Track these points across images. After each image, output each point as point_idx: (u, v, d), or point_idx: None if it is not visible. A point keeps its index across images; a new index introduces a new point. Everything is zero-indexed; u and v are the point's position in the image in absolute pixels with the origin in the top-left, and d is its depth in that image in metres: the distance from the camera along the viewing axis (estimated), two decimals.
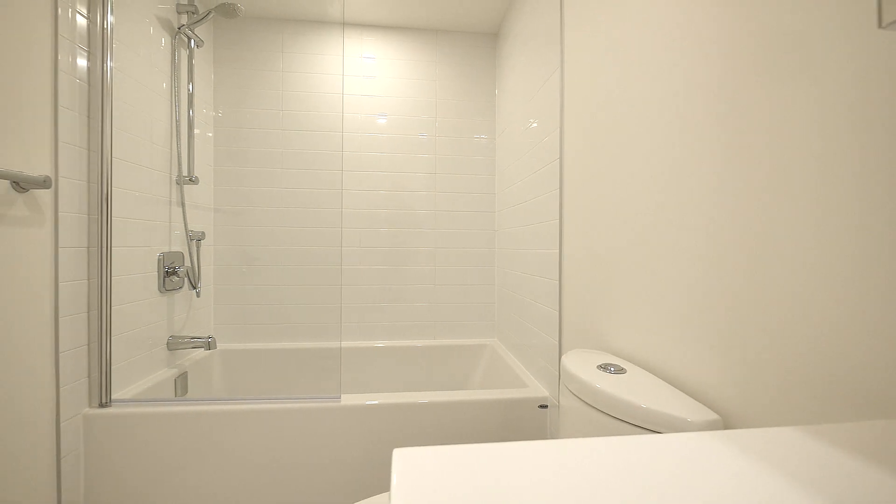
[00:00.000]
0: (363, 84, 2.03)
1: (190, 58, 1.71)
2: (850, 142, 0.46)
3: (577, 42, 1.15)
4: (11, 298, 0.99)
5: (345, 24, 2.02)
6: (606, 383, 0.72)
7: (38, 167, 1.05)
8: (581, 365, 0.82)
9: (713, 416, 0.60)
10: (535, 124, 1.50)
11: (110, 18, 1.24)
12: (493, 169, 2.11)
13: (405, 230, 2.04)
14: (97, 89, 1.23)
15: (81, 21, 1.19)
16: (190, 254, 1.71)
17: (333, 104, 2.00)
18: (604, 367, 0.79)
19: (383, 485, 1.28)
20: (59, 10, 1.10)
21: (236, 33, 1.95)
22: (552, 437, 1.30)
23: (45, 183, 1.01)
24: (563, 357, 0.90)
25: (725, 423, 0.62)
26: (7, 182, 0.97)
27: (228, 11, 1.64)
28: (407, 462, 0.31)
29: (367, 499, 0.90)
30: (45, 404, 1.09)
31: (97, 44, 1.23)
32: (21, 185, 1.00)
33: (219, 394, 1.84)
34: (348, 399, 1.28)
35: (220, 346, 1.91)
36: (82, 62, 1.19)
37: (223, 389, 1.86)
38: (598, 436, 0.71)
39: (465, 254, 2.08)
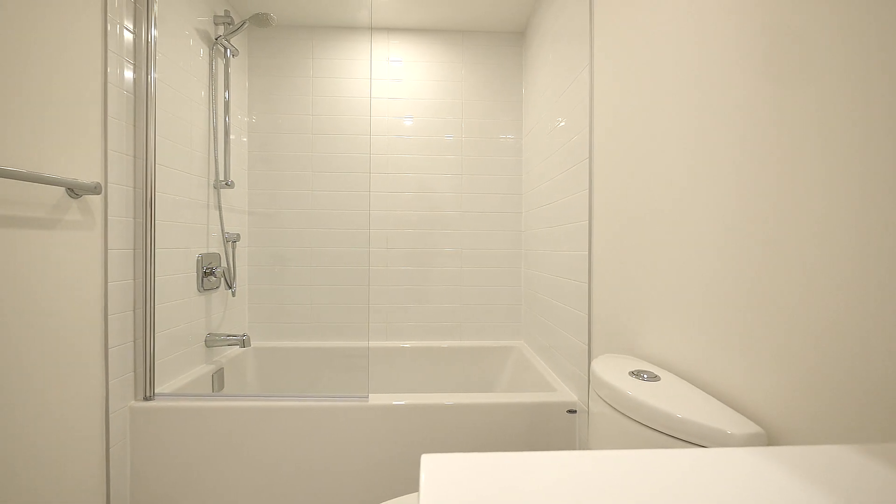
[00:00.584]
0: (390, 87, 2.05)
1: (226, 67, 1.79)
2: None
3: (607, 38, 1.12)
4: (68, 297, 1.06)
5: (372, 29, 2.05)
6: (640, 391, 0.69)
7: (89, 174, 1.13)
8: (612, 371, 0.80)
9: (756, 428, 0.57)
10: (562, 123, 1.47)
11: (154, 32, 1.31)
12: (520, 169, 2.08)
13: (431, 231, 2.05)
14: (142, 100, 1.30)
15: (128, 36, 1.26)
16: (226, 255, 1.78)
17: (361, 108, 2.04)
18: (636, 374, 0.77)
19: (409, 485, 1.29)
20: (109, 27, 1.18)
21: (269, 42, 2.02)
22: (581, 444, 1.27)
23: (95, 189, 1.07)
24: (594, 362, 0.88)
25: (770, 437, 0.59)
26: (63, 189, 1.04)
27: (262, 21, 1.70)
28: (435, 468, 0.31)
29: (394, 499, 0.91)
30: (96, 396, 1.16)
31: (142, 57, 1.30)
32: (75, 191, 1.07)
33: (252, 390, 1.91)
34: (376, 399, 1.30)
35: (253, 343, 1.98)
36: (129, 74, 1.26)
37: (256, 386, 1.93)
38: (630, 445, 0.69)
39: (492, 255, 2.07)
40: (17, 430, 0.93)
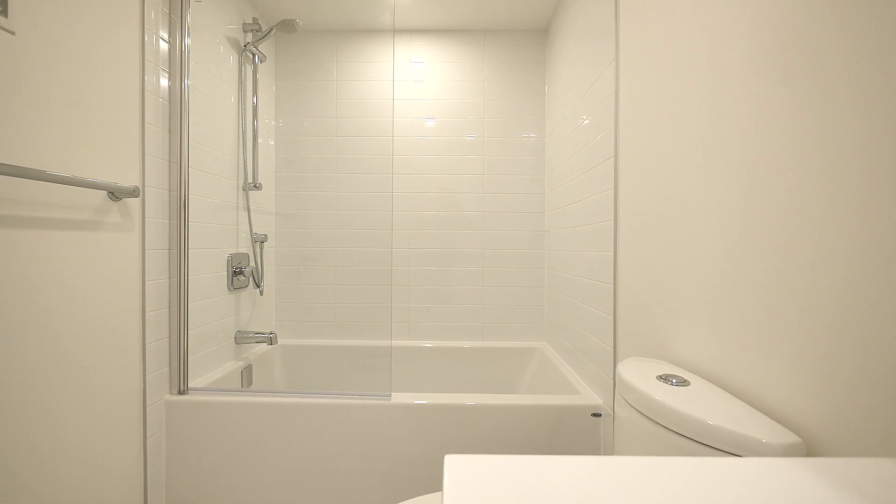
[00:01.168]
0: (412, 88, 2.06)
1: (254, 72, 1.84)
2: None
3: (633, 34, 1.10)
4: (110, 295, 1.12)
5: (395, 31, 2.07)
6: (668, 396, 0.67)
7: (128, 178, 1.19)
8: (639, 374, 0.78)
9: (793, 438, 0.54)
10: (586, 121, 1.44)
11: (187, 41, 1.37)
12: (543, 168, 2.06)
13: (453, 231, 2.06)
14: (176, 106, 1.36)
15: (163, 45, 1.31)
16: (254, 255, 1.84)
17: (384, 109, 2.06)
18: (664, 378, 0.74)
19: (431, 484, 1.30)
20: (146, 37, 1.23)
21: (295, 47, 2.07)
22: (606, 449, 1.25)
23: (134, 192, 1.13)
24: (619, 365, 0.86)
25: (809, 447, 0.56)
26: (105, 193, 1.10)
27: (288, 27, 1.74)
28: (459, 469, 0.31)
29: (416, 498, 0.91)
30: (135, 390, 1.22)
31: (176, 65, 1.36)
32: (115, 194, 1.12)
33: (279, 386, 1.96)
34: (398, 398, 1.31)
35: (280, 341, 2.04)
36: (164, 82, 1.32)
37: (283, 382, 1.98)
38: (658, 451, 0.67)
39: (514, 255, 2.05)
40: (65, 420, 0.99)
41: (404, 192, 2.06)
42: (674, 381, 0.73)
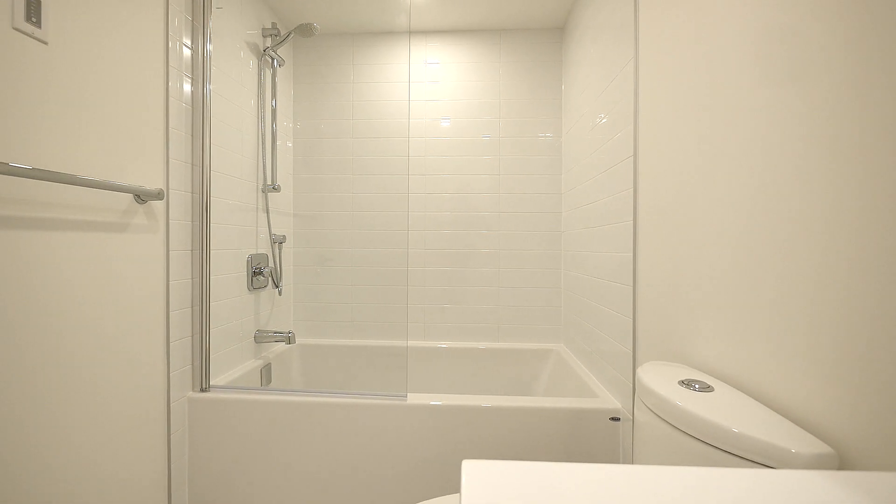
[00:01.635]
0: (428, 89, 2.07)
1: (273, 76, 1.87)
2: None
3: (654, 29, 1.07)
4: (138, 295, 1.15)
5: (411, 33, 2.07)
6: (691, 401, 0.66)
7: (153, 182, 1.22)
8: (660, 379, 0.76)
9: (825, 448, 0.52)
10: (604, 120, 1.42)
11: (209, 47, 1.40)
12: (560, 168, 2.03)
13: (469, 232, 2.05)
14: (198, 111, 1.39)
15: (186, 52, 1.35)
16: (273, 255, 1.87)
17: (400, 111, 2.07)
18: (686, 384, 0.72)
19: (446, 485, 1.30)
20: (170, 44, 1.27)
21: (312, 50, 2.10)
22: (625, 453, 1.22)
23: (159, 195, 1.16)
24: (639, 369, 0.84)
25: (842, 459, 0.54)
26: (131, 195, 1.14)
27: (306, 31, 1.77)
28: (476, 474, 0.31)
29: (432, 499, 0.91)
30: (160, 386, 1.26)
31: (198, 70, 1.39)
32: (141, 197, 1.16)
33: (297, 385, 1.99)
34: (414, 398, 1.31)
35: (298, 340, 2.07)
36: (187, 87, 1.36)
37: (301, 381, 2.01)
38: (679, 458, 0.65)
39: (530, 256, 2.03)
40: (96, 413, 1.03)
41: (420, 192, 2.07)
42: (696, 386, 0.71)
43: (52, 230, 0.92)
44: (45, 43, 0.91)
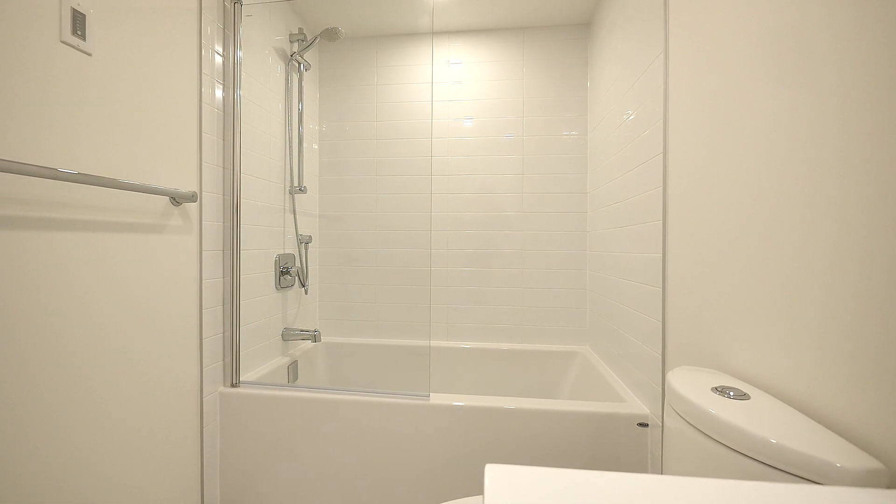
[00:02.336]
0: (451, 89, 2.07)
1: (300, 80, 1.92)
2: None
3: (685, 20, 1.03)
4: (173, 293, 1.21)
5: (433, 34, 2.08)
6: (725, 409, 0.63)
7: (187, 184, 1.27)
8: (692, 385, 0.73)
9: (874, 463, 0.48)
10: (632, 116, 1.37)
11: (239, 54, 1.45)
12: (585, 167, 1.99)
13: (493, 232, 2.04)
14: (229, 115, 1.44)
15: (218, 59, 1.40)
16: (299, 255, 1.92)
17: (423, 111, 2.08)
18: (720, 391, 0.69)
19: (467, 487, 1.29)
20: (203, 52, 1.32)
21: (337, 53, 2.13)
22: (653, 461, 1.18)
23: (192, 198, 1.21)
24: (669, 374, 0.81)
25: (893, 476, 0.50)
26: (167, 198, 1.19)
27: (331, 35, 1.80)
28: (500, 479, 0.31)
29: (454, 500, 0.91)
30: (193, 381, 1.31)
31: (229, 77, 1.44)
32: (176, 199, 1.21)
33: (322, 382, 2.03)
34: (437, 398, 1.32)
35: (323, 338, 2.11)
36: (218, 93, 1.41)
37: (326, 378, 2.05)
38: (712, 468, 0.62)
39: (555, 256, 2.00)
40: (135, 406, 1.08)
41: (443, 192, 2.07)
42: (731, 393, 0.68)
43: (97, 231, 0.98)
44: (89, 55, 0.96)
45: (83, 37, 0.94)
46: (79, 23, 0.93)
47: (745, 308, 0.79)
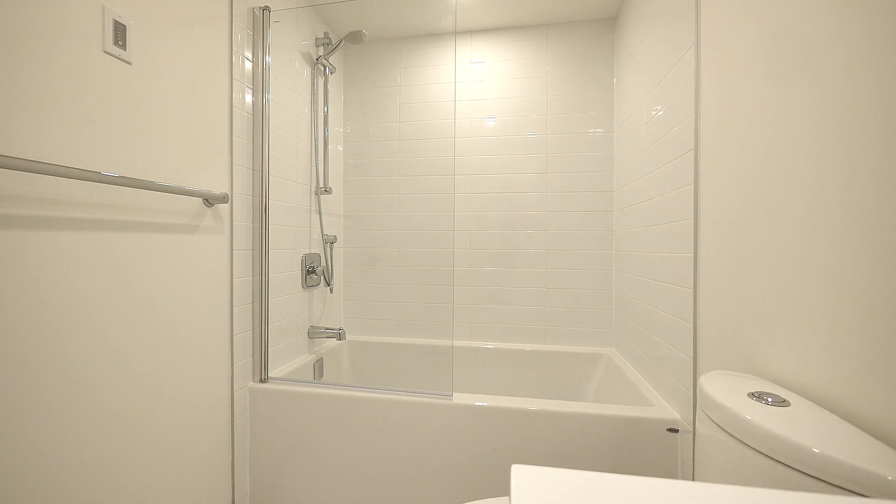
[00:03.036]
0: (473, 89, 2.06)
1: (325, 84, 1.96)
2: None
3: (717, 11, 0.99)
4: (206, 291, 1.25)
5: (456, 34, 2.08)
6: (763, 416, 0.60)
7: (219, 186, 1.32)
8: (726, 390, 0.70)
9: None
10: (660, 112, 1.33)
11: (268, 59, 1.49)
12: (611, 165, 1.94)
13: (516, 231, 2.02)
14: (258, 119, 1.48)
15: (248, 65, 1.45)
16: (325, 255, 1.96)
17: (446, 111, 2.08)
18: (757, 396, 0.66)
19: (490, 488, 1.28)
20: (233, 58, 1.36)
21: (361, 56, 2.17)
22: (684, 469, 1.15)
23: (224, 199, 1.25)
24: (702, 378, 0.78)
25: None
26: (201, 199, 1.24)
27: (356, 38, 1.83)
28: (526, 480, 0.30)
29: (478, 501, 0.91)
30: (224, 376, 1.36)
31: (258, 81, 1.48)
32: (209, 201, 1.26)
33: (346, 380, 2.07)
34: (459, 398, 1.31)
35: (348, 337, 2.15)
36: (248, 98, 1.45)
37: (350, 376, 2.08)
38: (747, 478, 0.60)
39: (579, 256, 1.96)
40: (168, 401, 1.13)
41: (466, 192, 2.07)
42: (769, 399, 0.65)
43: (135, 232, 1.03)
44: (130, 63, 1.01)
45: (124, 46, 0.99)
46: (120, 33, 0.98)
47: (783, 309, 0.75)
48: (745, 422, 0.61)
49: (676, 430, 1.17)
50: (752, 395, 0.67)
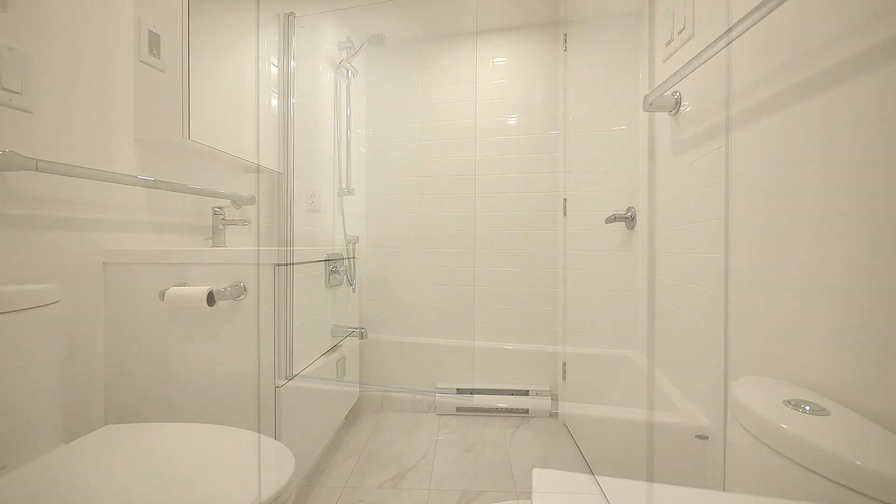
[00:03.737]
0: (494, 88, 2.05)
1: (348, 87, 1.99)
2: None
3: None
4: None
5: (477, 33, 2.07)
6: (801, 425, 0.57)
7: (246, 188, 1.36)
8: (760, 397, 0.67)
9: None
10: (689, 108, 1.29)
11: (293, 64, 1.53)
12: (635, 163, 1.89)
13: (537, 231, 2.00)
14: (283, 123, 1.52)
15: (274, 70, 1.48)
16: (348, 255, 1.99)
17: (466, 111, 2.08)
18: (794, 405, 0.63)
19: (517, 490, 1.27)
20: (261, 64, 1.40)
21: (383, 59, 2.19)
22: (713, 477, 1.10)
23: (251, 200, 1.29)
24: (733, 384, 0.75)
25: None
26: (229, 201, 1.28)
27: (377, 41, 1.85)
28: (547, 484, 0.30)
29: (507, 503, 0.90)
30: (252, 372, 1.39)
31: (283, 86, 1.52)
32: (237, 202, 1.30)
33: (368, 379, 2.09)
34: (481, 400, 1.31)
35: (369, 336, 2.17)
36: (274, 102, 1.49)
37: (372, 375, 2.11)
38: (782, 489, 0.57)
39: (601, 256, 1.92)
40: (197, 396, 1.17)
41: (486, 192, 2.06)
42: (807, 408, 0.62)
43: (165, 232, 1.07)
44: (163, 72, 1.06)
45: (158, 55, 1.03)
46: (154, 44, 1.02)
47: (820, 314, 0.71)
48: (780, 430, 0.58)
49: (706, 437, 1.13)
50: (788, 402, 0.64)
